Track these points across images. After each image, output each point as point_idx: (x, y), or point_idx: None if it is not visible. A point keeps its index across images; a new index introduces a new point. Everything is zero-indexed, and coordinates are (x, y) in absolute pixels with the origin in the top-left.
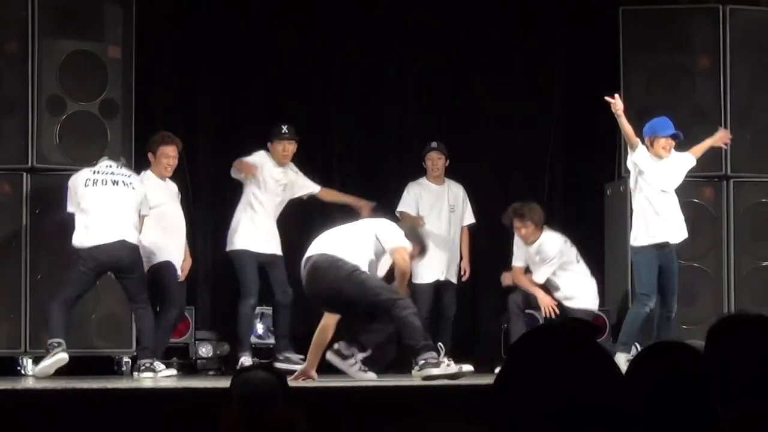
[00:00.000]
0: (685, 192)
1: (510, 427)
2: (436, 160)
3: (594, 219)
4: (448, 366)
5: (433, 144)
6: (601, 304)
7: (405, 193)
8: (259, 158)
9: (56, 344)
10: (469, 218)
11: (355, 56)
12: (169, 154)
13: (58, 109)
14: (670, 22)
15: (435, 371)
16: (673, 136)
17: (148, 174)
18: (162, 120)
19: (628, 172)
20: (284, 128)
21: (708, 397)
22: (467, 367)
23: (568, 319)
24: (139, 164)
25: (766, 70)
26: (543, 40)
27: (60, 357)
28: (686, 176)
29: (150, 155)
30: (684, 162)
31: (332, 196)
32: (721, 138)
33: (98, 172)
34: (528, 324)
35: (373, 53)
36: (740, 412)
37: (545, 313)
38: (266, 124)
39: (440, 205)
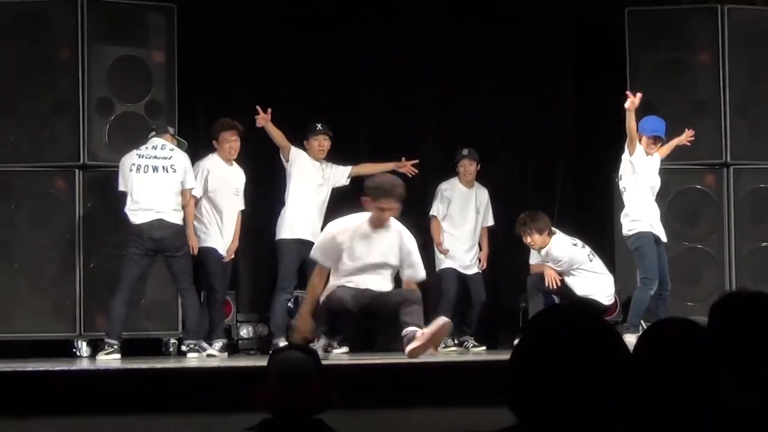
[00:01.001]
0: (688, 179)
1: (524, 400)
2: (468, 167)
3: (605, 209)
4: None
5: (465, 151)
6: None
7: (438, 195)
8: (297, 154)
9: (112, 345)
10: (490, 220)
11: (373, 58)
12: (230, 138)
13: (107, 110)
14: (672, 21)
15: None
16: (655, 138)
17: (214, 158)
18: (203, 119)
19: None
20: (319, 125)
21: (713, 368)
22: None
23: (578, 299)
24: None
25: (762, 65)
26: (553, 41)
27: (114, 358)
28: (689, 164)
29: (214, 142)
30: (656, 161)
31: (369, 168)
32: (686, 136)
33: (142, 156)
34: (546, 303)
35: (389, 56)
36: (743, 381)
37: (548, 283)
38: (300, 122)
39: (469, 206)
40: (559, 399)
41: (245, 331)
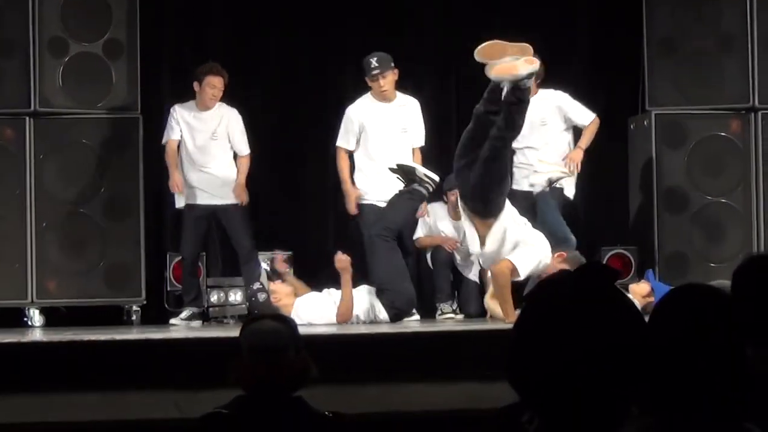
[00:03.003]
0: (710, 126)
1: (527, 377)
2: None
3: (618, 153)
4: None
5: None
6: (626, 242)
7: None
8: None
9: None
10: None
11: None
12: (215, 85)
13: (61, 51)
14: None
15: None
16: None
17: (189, 105)
18: (169, 60)
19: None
20: (373, 61)
21: (736, 340)
22: None
23: (586, 264)
24: (145, 106)
25: None
26: None
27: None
28: (711, 108)
29: (195, 84)
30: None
31: None
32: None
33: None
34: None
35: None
36: None
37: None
38: (279, 63)
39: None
40: (565, 375)
41: (216, 297)
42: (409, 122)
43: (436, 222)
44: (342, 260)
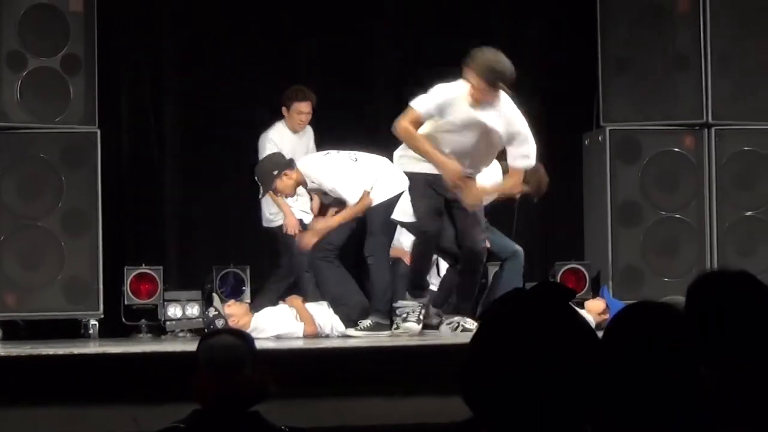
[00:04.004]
0: (664, 141)
1: (481, 395)
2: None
3: (572, 170)
4: None
5: None
6: (580, 257)
7: None
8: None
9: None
10: None
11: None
12: (303, 110)
13: (19, 65)
14: None
15: None
16: None
17: (278, 126)
18: (126, 75)
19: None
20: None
21: (689, 357)
22: None
23: (541, 283)
24: (102, 121)
25: (747, 15)
26: None
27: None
28: (666, 125)
29: (283, 109)
30: None
31: None
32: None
33: None
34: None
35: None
36: (724, 369)
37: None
38: (238, 77)
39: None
40: (519, 393)
41: (173, 311)
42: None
43: (399, 236)
44: (291, 300)
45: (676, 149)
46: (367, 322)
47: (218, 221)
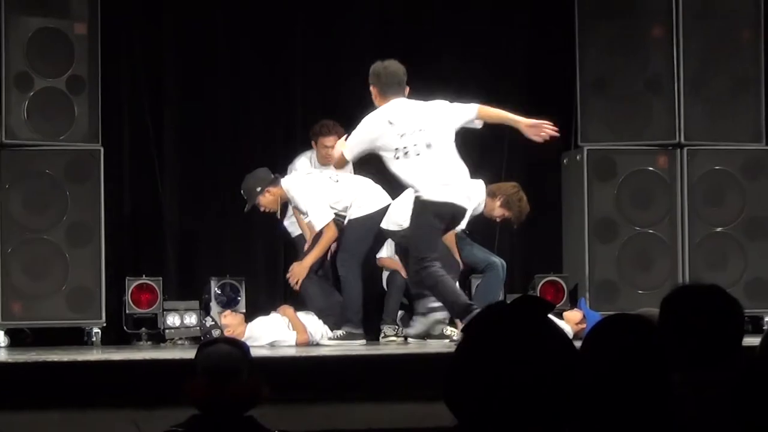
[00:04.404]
0: (639, 161)
1: (465, 403)
2: None
3: (551, 187)
4: None
5: None
6: (559, 270)
7: None
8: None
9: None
10: None
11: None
12: (327, 145)
13: (26, 86)
14: None
15: None
16: None
17: (307, 155)
18: (127, 95)
19: (585, 140)
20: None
21: (661, 367)
22: None
23: (521, 296)
24: (105, 139)
25: (718, 40)
26: (503, 12)
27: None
28: (640, 144)
29: (313, 143)
30: None
31: None
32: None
33: None
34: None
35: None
36: (695, 378)
37: None
38: (233, 96)
39: None
40: (501, 401)
41: (171, 320)
42: None
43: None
44: (283, 308)
45: (650, 168)
46: (340, 332)
47: (215, 235)
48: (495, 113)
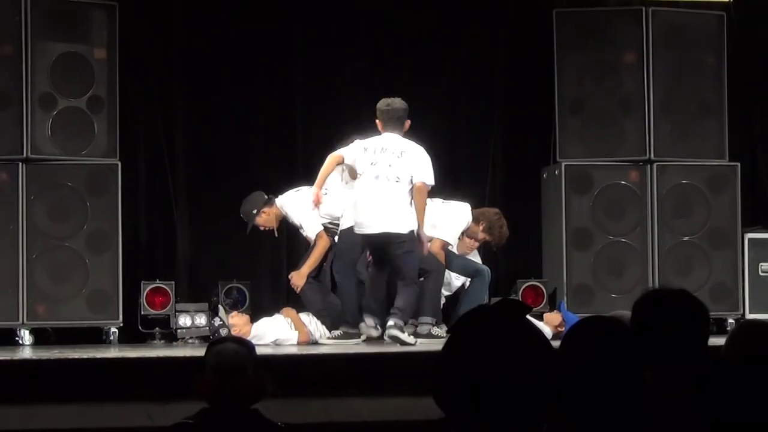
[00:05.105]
0: (613, 175)
1: (451, 398)
2: None
3: (532, 200)
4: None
5: None
6: (539, 275)
7: None
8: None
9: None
10: None
11: (313, 45)
12: None
13: (50, 105)
14: (599, 22)
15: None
16: None
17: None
18: (143, 114)
19: (563, 156)
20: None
21: (634, 365)
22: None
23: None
24: (123, 154)
25: (685, 65)
26: (485, 40)
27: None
28: (614, 160)
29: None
30: None
31: None
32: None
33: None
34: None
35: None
36: (665, 376)
37: None
38: (241, 112)
39: None
40: (484, 396)
41: (183, 321)
42: None
43: None
44: (287, 310)
45: (623, 182)
46: (337, 332)
47: (223, 242)
48: (418, 207)
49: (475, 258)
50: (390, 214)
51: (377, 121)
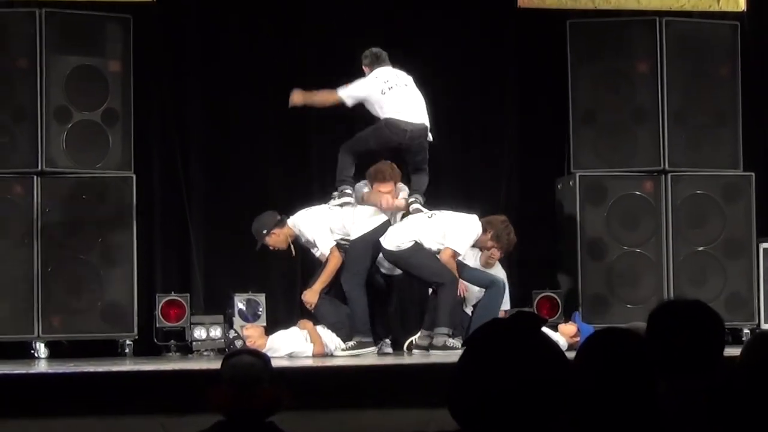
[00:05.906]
0: (628, 185)
1: (466, 410)
2: None
3: (547, 210)
4: None
5: None
6: (554, 286)
7: None
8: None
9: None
10: None
11: (323, 56)
12: (382, 190)
13: (65, 118)
14: (612, 33)
15: None
16: None
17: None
18: (157, 126)
19: (578, 167)
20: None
21: (648, 376)
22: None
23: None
24: (137, 166)
25: (698, 75)
26: (499, 50)
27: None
28: (628, 171)
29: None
30: None
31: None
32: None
33: None
34: None
35: (336, 54)
36: (680, 386)
37: None
38: (252, 126)
39: None
40: (499, 408)
41: (198, 333)
42: None
43: None
44: (303, 322)
45: (637, 192)
46: (351, 343)
47: (238, 255)
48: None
49: (497, 270)
50: (423, 108)
51: (364, 67)
